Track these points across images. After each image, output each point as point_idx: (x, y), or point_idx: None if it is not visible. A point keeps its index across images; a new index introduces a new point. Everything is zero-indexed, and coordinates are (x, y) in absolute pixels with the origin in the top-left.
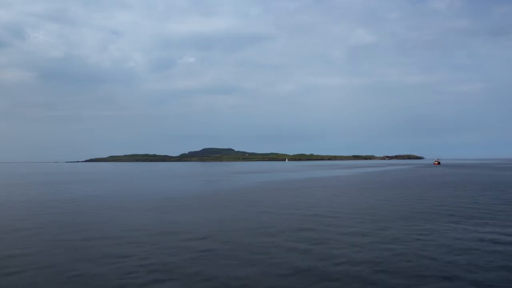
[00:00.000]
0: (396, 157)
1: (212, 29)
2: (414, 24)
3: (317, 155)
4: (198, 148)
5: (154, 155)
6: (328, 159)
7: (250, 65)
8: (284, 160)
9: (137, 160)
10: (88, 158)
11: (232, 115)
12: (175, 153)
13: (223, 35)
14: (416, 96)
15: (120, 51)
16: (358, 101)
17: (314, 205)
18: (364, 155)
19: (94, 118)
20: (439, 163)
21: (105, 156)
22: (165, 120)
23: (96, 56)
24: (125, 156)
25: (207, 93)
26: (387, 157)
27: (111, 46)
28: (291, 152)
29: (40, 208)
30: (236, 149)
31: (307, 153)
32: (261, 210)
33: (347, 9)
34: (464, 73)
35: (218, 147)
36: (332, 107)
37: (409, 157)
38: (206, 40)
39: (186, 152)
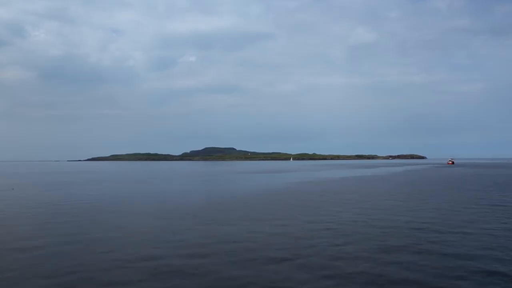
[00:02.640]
0: (399, 156)
1: (212, 28)
2: (414, 24)
3: (320, 155)
4: (199, 147)
5: (156, 154)
6: (331, 159)
7: (250, 64)
8: (289, 159)
9: (139, 159)
10: (89, 157)
11: (232, 114)
12: (177, 152)
13: (224, 34)
14: (416, 96)
15: (120, 50)
16: (358, 101)
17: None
18: (367, 154)
19: (95, 117)
20: (453, 162)
21: (107, 155)
22: (166, 119)
23: (97, 55)
24: (127, 155)
25: (208, 92)
26: (391, 156)
27: (112, 45)
28: (292, 151)
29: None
30: (237, 148)
31: (309, 152)
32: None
33: (347, 8)
34: (464, 73)
35: (220, 146)
36: (332, 106)
37: (412, 156)
38: (206, 39)
39: (188, 151)
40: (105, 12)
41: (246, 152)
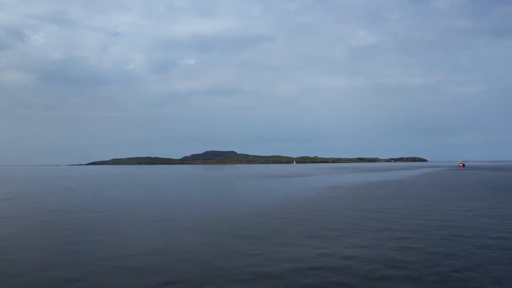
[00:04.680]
0: (401, 159)
1: (212, 30)
2: (415, 24)
3: (321, 158)
4: (200, 150)
5: (157, 158)
6: (333, 162)
7: (251, 66)
8: (291, 162)
9: (140, 163)
10: (90, 161)
11: (233, 117)
12: (177, 155)
13: (224, 36)
14: (417, 97)
15: (120, 53)
16: (359, 102)
17: None
18: (368, 157)
19: (95, 120)
20: (463, 165)
21: (107, 159)
22: (166, 122)
23: (97, 58)
24: (128, 159)
25: (208, 94)
26: (392, 159)
27: (111, 48)
28: (293, 154)
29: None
30: (238, 152)
31: (309, 155)
32: None
33: (348, 9)
34: (466, 74)
35: (220, 150)
36: (333, 108)
37: (414, 159)
38: (206, 41)
39: (189, 154)
40: (105, 15)
41: (246, 156)
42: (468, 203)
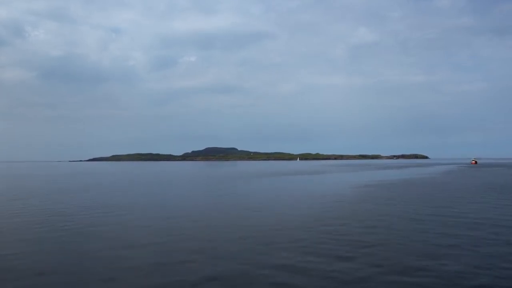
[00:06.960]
0: (403, 156)
1: (213, 28)
2: (416, 23)
3: (323, 155)
4: (200, 147)
5: (158, 154)
6: (335, 159)
7: (251, 64)
8: (294, 159)
9: (141, 160)
10: (91, 157)
11: (233, 114)
12: (178, 152)
13: (224, 34)
14: (418, 96)
15: (120, 50)
16: (359, 101)
17: None
18: (370, 154)
19: (96, 117)
20: (476, 162)
21: (108, 156)
22: (166, 119)
23: (97, 55)
24: (128, 155)
25: (208, 92)
26: (394, 156)
27: (112, 45)
28: (294, 151)
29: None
30: (239, 148)
31: (310, 152)
32: None
33: (348, 8)
34: (467, 72)
35: (221, 146)
36: (334, 106)
37: (416, 156)
38: (207, 39)
39: (189, 151)
40: (105, 12)
41: (248, 152)
42: None
